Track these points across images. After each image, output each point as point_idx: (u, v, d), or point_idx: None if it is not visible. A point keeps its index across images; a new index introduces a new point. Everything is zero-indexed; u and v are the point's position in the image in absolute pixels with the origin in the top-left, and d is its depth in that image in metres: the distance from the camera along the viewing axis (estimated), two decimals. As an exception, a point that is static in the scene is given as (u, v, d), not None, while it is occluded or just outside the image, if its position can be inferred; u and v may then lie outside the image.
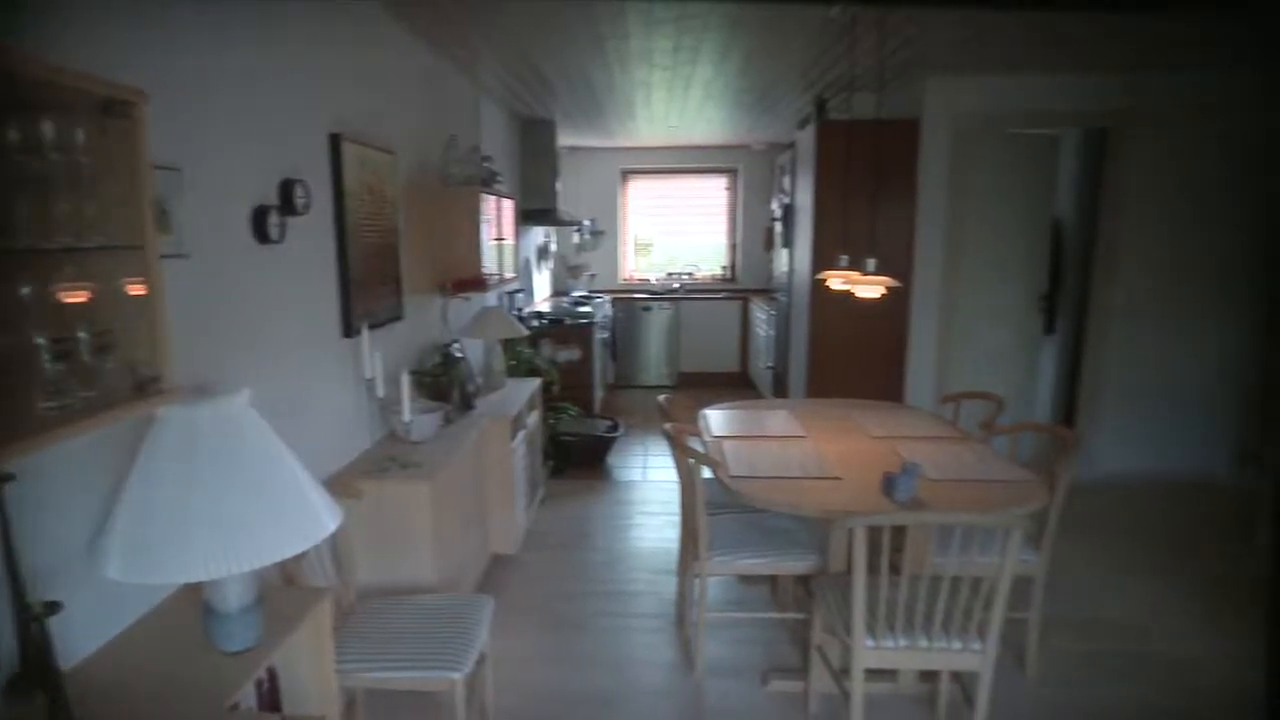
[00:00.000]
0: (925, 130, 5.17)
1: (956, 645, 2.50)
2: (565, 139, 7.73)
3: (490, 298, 5.38)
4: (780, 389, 6.74)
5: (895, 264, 5.17)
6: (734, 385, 8.57)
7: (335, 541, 2.64)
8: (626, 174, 9.11)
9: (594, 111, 6.30)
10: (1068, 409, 5.86)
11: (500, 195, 4.78)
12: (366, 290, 3.31)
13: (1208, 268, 5.30)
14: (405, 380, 3.29)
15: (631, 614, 3.72)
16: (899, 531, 2.70)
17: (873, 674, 2.76)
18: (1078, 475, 5.46)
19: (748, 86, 5.32)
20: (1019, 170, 5.42)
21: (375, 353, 3.24)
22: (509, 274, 4.98)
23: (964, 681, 2.93)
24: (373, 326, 3.31)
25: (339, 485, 2.78)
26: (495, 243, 4.56)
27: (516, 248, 5.95)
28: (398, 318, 3.71)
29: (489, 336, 4.48)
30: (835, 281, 3.48)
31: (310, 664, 2.05)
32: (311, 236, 2.88)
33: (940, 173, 5.22)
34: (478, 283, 4.16)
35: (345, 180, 3.06)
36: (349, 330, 3.16)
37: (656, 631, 3.56)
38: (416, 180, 4.00)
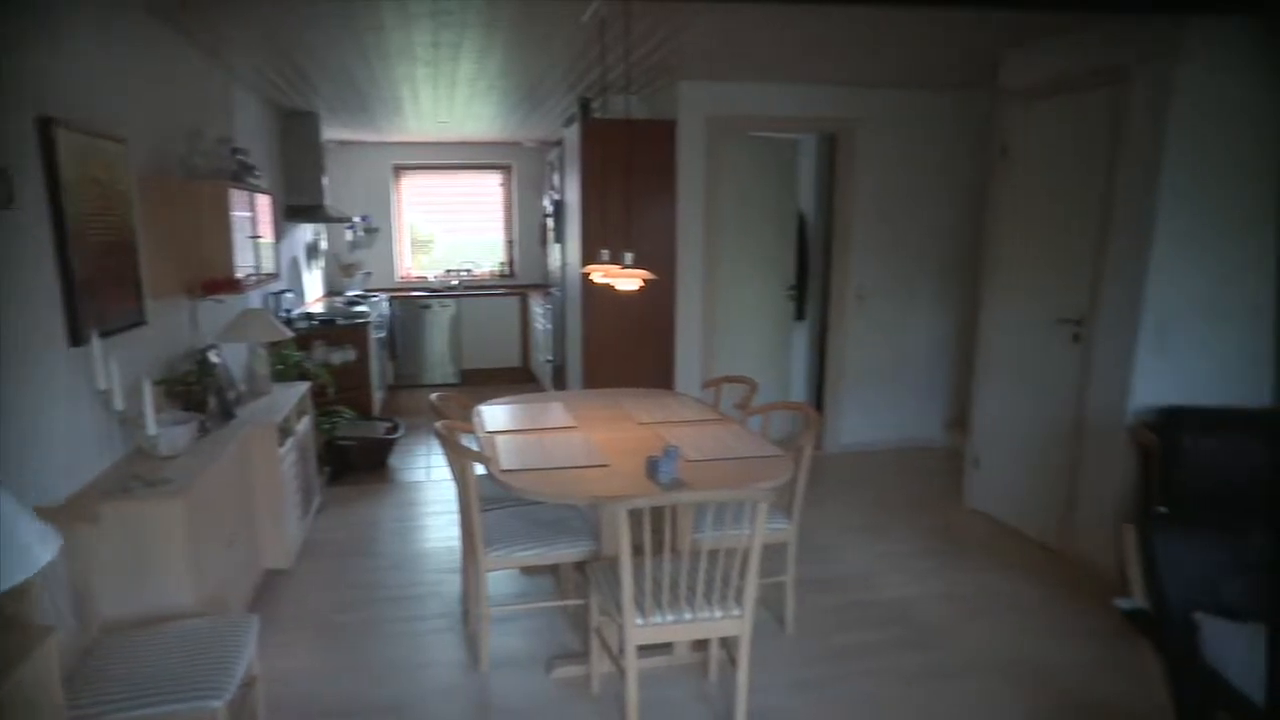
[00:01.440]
0: (681, 131, 5.35)
1: (718, 614, 2.60)
2: (332, 132, 7.31)
3: (252, 299, 5.00)
4: (560, 381, 6.78)
5: (659, 258, 5.34)
6: (517, 380, 8.51)
7: (70, 573, 2.34)
8: (399, 169, 8.77)
9: (359, 105, 6.00)
10: (819, 388, 6.31)
11: (257, 190, 4.43)
12: (97, 293, 2.94)
13: (924, 258, 5.89)
14: (148, 390, 2.97)
15: (417, 617, 3.59)
16: (665, 512, 2.78)
17: (648, 649, 2.84)
18: (825, 447, 5.93)
19: (512, 85, 5.27)
20: (767, 170, 5.75)
21: (111, 361, 2.89)
22: (269, 273, 4.64)
23: (730, 646, 3.08)
24: (107, 333, 2.95)
25: (72, 510, 2.47)
26: (252, 241, 4.21)
27: (279, 246, 5.55)
28: (139, 323, 3.33)
29: (250, 340, 4.15)
30: (597, 275, 3.52)
31: (30, 717, 1.80)
32: (20, 234, 2.52)
33: (697, 171, 5.43)
34: (231, 284, 3.83)
35: (62, 171, 2.69)
36: (76, 338, 2.79)
37: (443, 632, 3.45)
38: (156, 173, 3.61)
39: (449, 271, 9.05)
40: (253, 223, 4.27)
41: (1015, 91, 4.35)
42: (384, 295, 8.28)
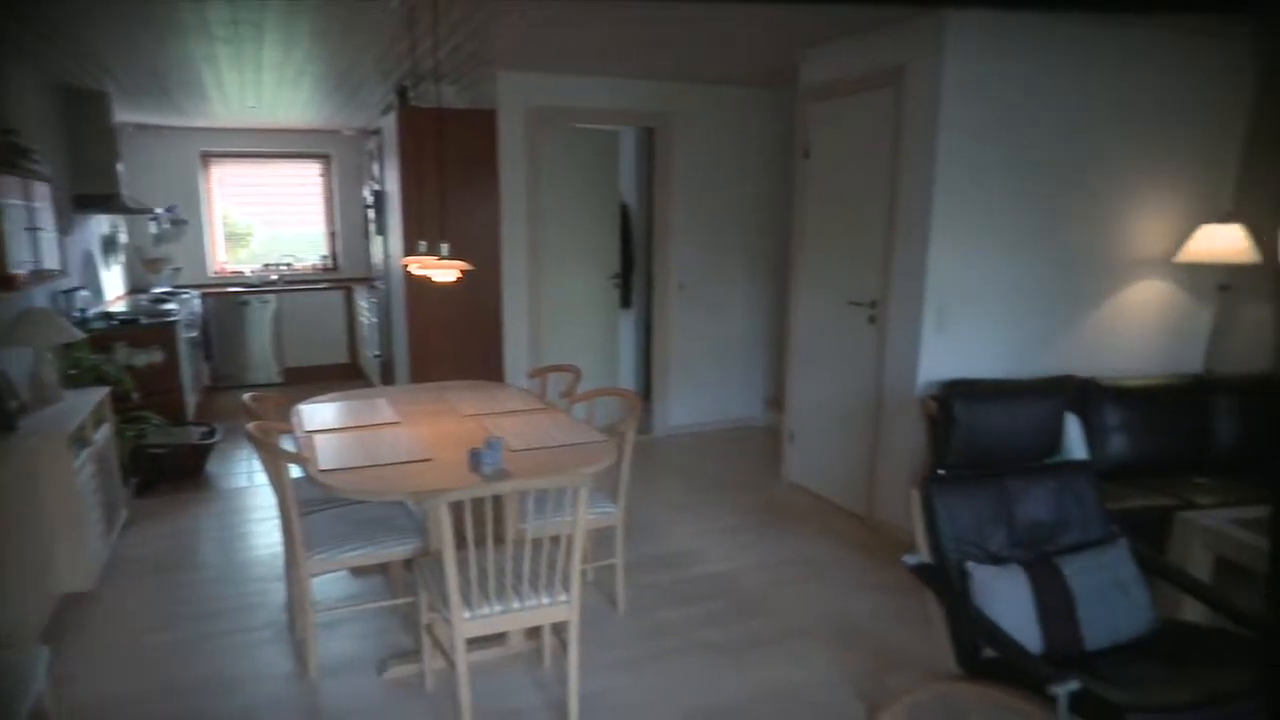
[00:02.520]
0: (502, 121, 5.30)
1: (546, 600, 2.62)
2: (128, 115, 6.73)
3: (35, 297, 4.54)
4: (388, 377, 6.59)
5: (484, 249, 5.29)
6: (345, 377, 8.18)
7: None
8: (208, 157, 8.19)
9: (156, 86, 5.55)
10: (647, 373, 6.46)
11: (32, 176, 4.02)
12: None
13: (740, 247, 6.14)
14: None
15: (240, 629, 3.39)
16: (495, 503, 2.77)
17: (481, 641, 2.83)
18: (654, 430, 6.08)
19: (323, 72, 5.04)
20: (589, 161, 5.81)
21: None
22: (53, 270, 4.23)
23: (561, 631, 3.11)
24: None
25: None
26: (29, 233, 3.83)
27: (66, 240, 5.07)
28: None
29: (33, 343, 3.78)
30: (414, 267, 3.45)
31: None
32: None
33: (518, 162, 5.41)
34: (3, 281, 3.47)
35: None
36: None
37: (269, 643, 3.28)
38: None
39: (267, 266, 8.56)
40: (29, 213, 3.88)
41: (813, 90, 4.61)
42: (196, 292, 7.73)
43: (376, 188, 6.55)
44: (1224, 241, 4.17)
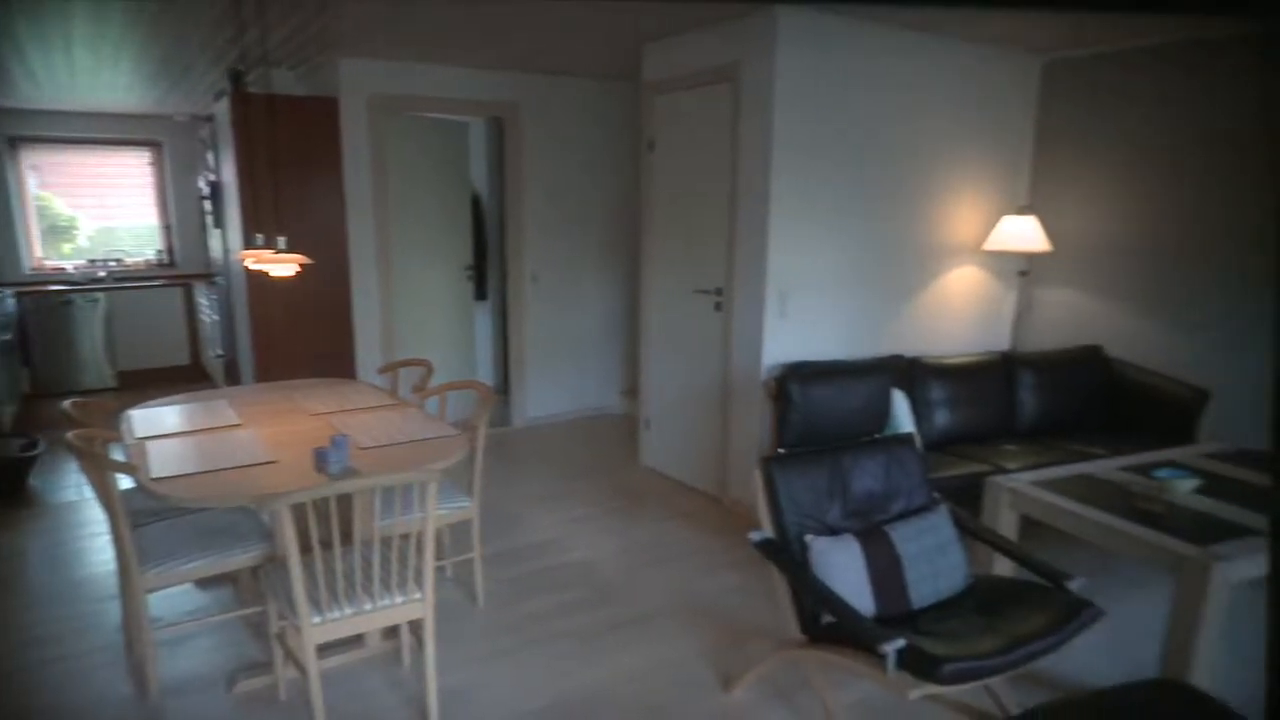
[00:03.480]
0: (344, 109, 5.10)
1: (399, 599, 2.56)
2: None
3: None
4: (233, 377, 6.22)
5: (330, 242, 5.08)
6: (188, 379, 7.65)
7: None
8: (18, 141, 7.42)
9: (-54, 63, 4.99)
10: (504, 366, 6.39)
11: None
12: None
13: (592, 238, 6.17)
14: None
15: (71, 655, 3.10)
16: (343, 503, 2.67)
17: (338, 644, 2.73)
18: (513, 422, 6.04)
19: (144, 53, 4.67)
20: (438, 152, 5.67)
21: None
22: None
23: (419, 630, 3.05)
24: None
25: None
26: None
27: None
28: None
29: None
30: (250, 261, 3.28)
31: None
32: None
33: (364, 152, 5.22)
34: None
35: None
36: None
37: (104, 666, 3.03)
38: None
39: (93, 262, 7.87)
40: None
41: (656, 84, 4.68)
42: (9, 291, 7.02)
43: (212, 178, 6.17)
44: (1022, 232, 4.55)
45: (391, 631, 3.05)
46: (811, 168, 4.11)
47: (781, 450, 2.73)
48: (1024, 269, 5.02)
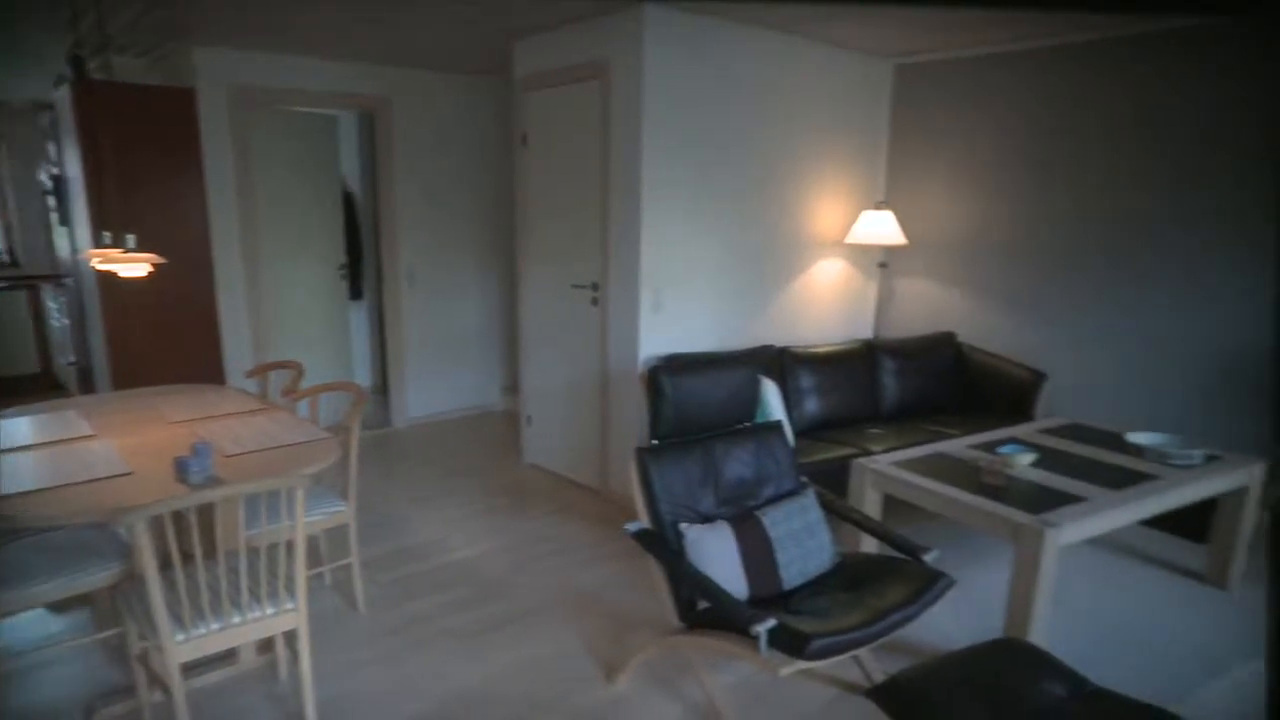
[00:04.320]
0: (203, 100, 4.82)
1: (270, 610, 2.46)
2: None
3: None
4: (88, 386, 5.80)
5: (189, 241, 4.80)
6: (38, 389, 7.03)
7: None
8: None
9: None
10: (383, 366, 6.22)
11: None
12: None
13: (470, 234, 6.08)
14: None
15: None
16: (207, 513, 2.55)
17: (206, 663, 2.60)
18: (394, 422, 5.89)
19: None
20: (307, 147, 5.46)
21: None
22: None
23: (294, 640, 2.94)
24: None
25: None
26: None
27: None
28: None
29: None
30: (96, 261, 3.06)
31: None
32: None
33: (226, 146, 4.95)
34: None
35: None
36: None
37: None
38: None
39: (-83, 264, 7.17)
40: None
41: (528, 80, 4.65)
42: None
43: (55, 171, 5.72)
44: (880, 226, 4.78)
45: (266, 644, 2.93)
46: (682, 164, 4.18)
47: (655, 441, 2.77)
48: (883, 261, 5.28)
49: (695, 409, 2.76)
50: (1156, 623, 3.27)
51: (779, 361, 4.33)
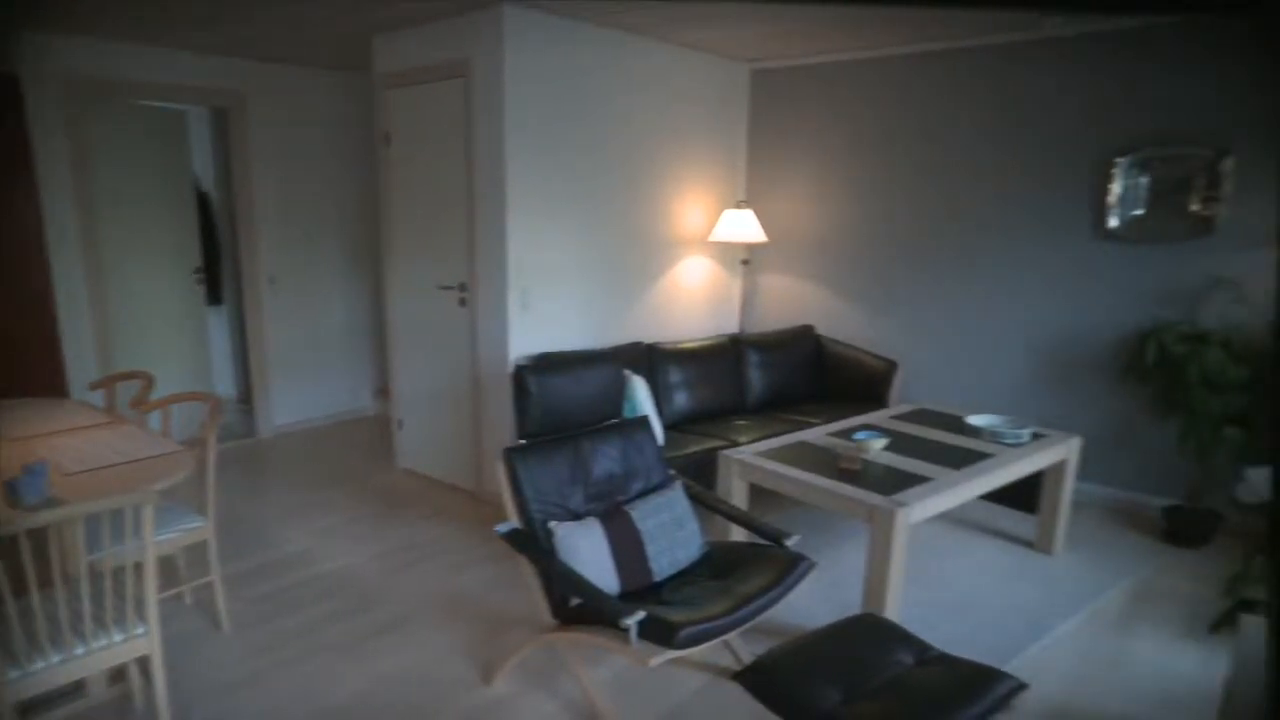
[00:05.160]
0: (30, 92, 4.41)
1: (119, 637, 2.29)
2: None
3: None
4: (-96, 402, 5.24)
5: (19, 243, 4.39)
6: None
7: None
8: None
9: None
10: (247, 373, 5.90)
11: None
12: None
13: (332, 235, 5.85)
14: None
15: None
16: (42, 537, 2.34)
17: (49, 699, 2.40)
18: (260, 432, 5.61)
19: None
20: (153, 143, 5.10)
21: None
22: None
23: (148, 667, 2.75)
24: None
25: None
26: None
27: None
28: None
29: None
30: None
31: None
32: None
33: (60, 141, 4.57)
34: None
35: None
36: None
37: None
38: None
39: None
40: None
41: (389, 77, 4.51)
42: None
43: None
44: (740, 224, 4.92)
45: (120, 674, 2.73)
46: (548, 164, 4.16)
47: (523, 441, 2.75)
48: (746, 258, 5.43)
49: (562, 407, 2.76)
50: (994, 589, 3.51)
51: (648, 358, 4.39)
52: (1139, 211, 4.08)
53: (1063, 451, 3.63)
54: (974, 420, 3.79)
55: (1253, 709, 1.70)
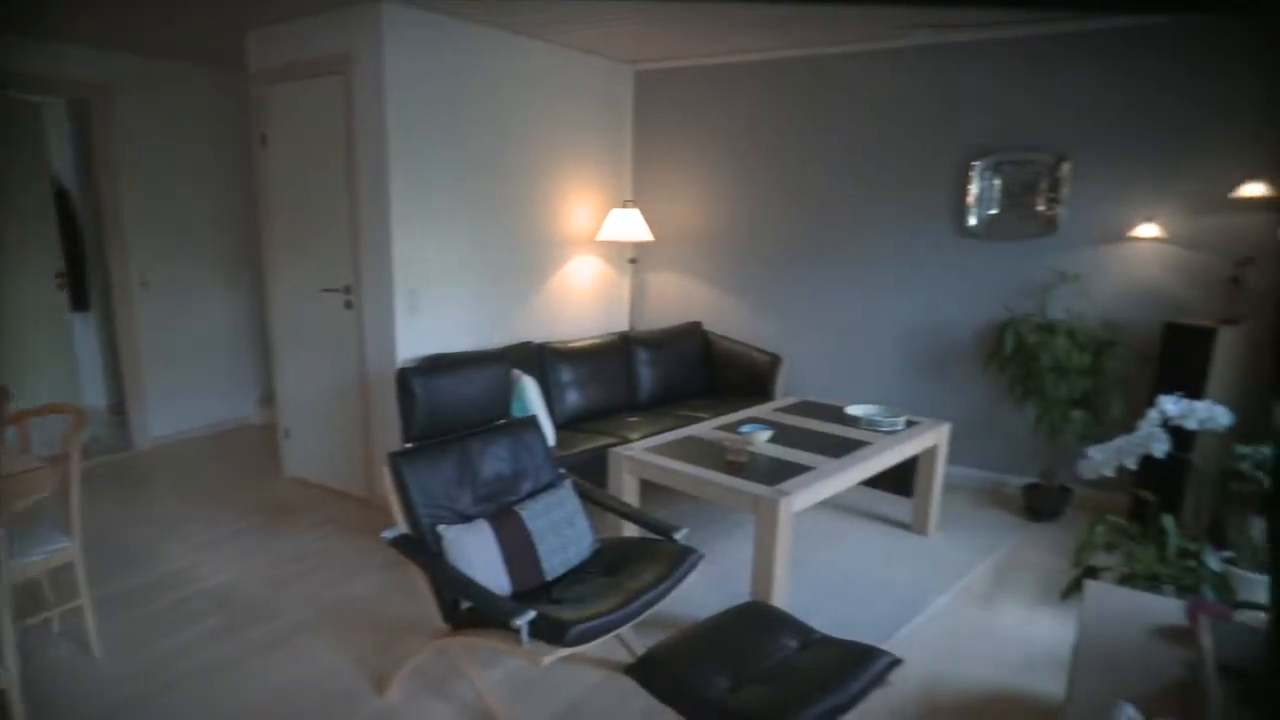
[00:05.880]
0: None
1: (-32, 670, 2.11)
2: None
3: None
4: None
5: None
6: None
7: None
8: None
9: None
10: (119, 383, 5.52)
11: None
12: None
13: (209, 236, 5.53)
14: None
15: None
16: None
17: None
18: (135, 445, 5.27)
19: None
20: (5, 134, 4.70)
21: None
22: None
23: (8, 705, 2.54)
24: None
25: None
26: None
27: None
28: None
29: None
30: None
31: None
32: None
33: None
34: None
35: None
36: None
37: None
38: None
39: None
40: None
41: (266, 72, 4.31)
42: None
43: None
44: (627, 224, 4.94)
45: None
46: (433, 164, 4.07)
47: (409, 444, 2.68)
48: (633, 257, 5.46)
49: (449, 409, 2.70)
50: (874, 571, 3.65)
51: (539, 357, 4.35)
52: (994, 211, 4.33)
53: (934, 437, 3.81)
54: (853, 410, 3.92)
55: (1096, 665, 1.82)
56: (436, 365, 2.71)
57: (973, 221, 4.37)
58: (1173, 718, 1.37)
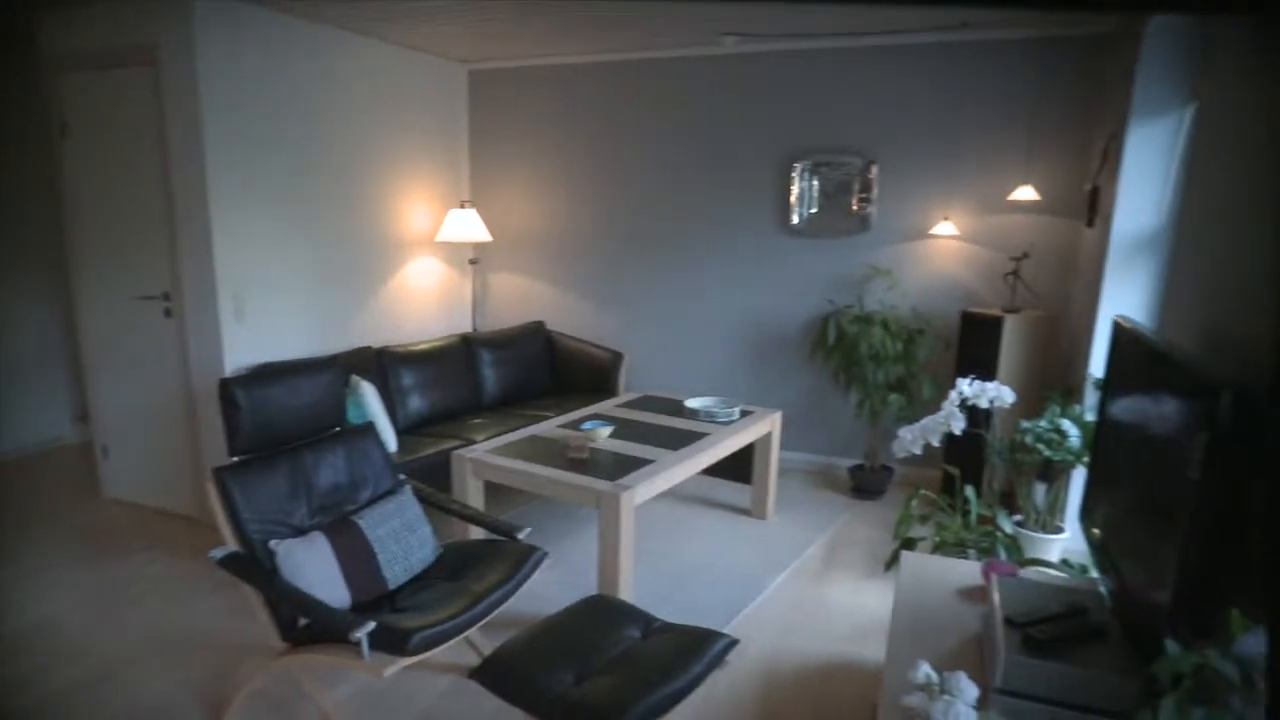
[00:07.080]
0: None
1: None
2: None
3: None
4: None
5: None
6: None
7: None
8: None
9: None
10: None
11: None
12: None
13: (6, 240, 4.93)
14: None
15: None
16: None
17: None
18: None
19: None
20: None
21: None
22: None
23: None
24: None
25: None
26: None
27: None
28: None
29: None
30: None
31: None
32: None
33: None
34: None
35: None
36: None
37: None
38: None
39: None
40: None
41: (63, 60, 3.89)
42: None
43: None
44: (465, 224, 4.85)
45: None
46: (257, 163, 3.82)
47: (236, 458, 2.51)
48: (474, 258, 5.37)
49: (278, 419, 2.55)
50: (716, 557, 3.76)
51: (378, 362, 4.19)
52: (814, 210, 4.57)
53: (767, 425, 3.97)
54: (691, 403, 4.03)
55: (909, 630, 1.97)
56: (262, 374, 2.55)
57: (796, 220, 4.59)
58: (962, 670, 1.50)
